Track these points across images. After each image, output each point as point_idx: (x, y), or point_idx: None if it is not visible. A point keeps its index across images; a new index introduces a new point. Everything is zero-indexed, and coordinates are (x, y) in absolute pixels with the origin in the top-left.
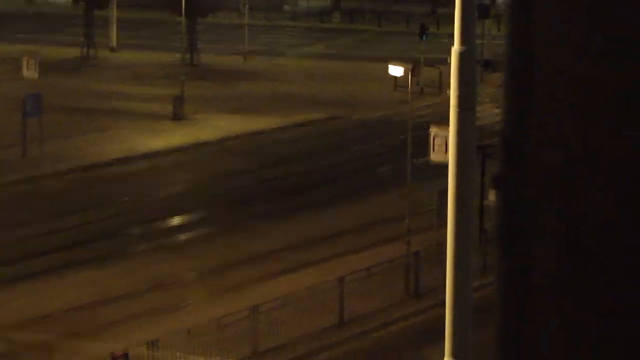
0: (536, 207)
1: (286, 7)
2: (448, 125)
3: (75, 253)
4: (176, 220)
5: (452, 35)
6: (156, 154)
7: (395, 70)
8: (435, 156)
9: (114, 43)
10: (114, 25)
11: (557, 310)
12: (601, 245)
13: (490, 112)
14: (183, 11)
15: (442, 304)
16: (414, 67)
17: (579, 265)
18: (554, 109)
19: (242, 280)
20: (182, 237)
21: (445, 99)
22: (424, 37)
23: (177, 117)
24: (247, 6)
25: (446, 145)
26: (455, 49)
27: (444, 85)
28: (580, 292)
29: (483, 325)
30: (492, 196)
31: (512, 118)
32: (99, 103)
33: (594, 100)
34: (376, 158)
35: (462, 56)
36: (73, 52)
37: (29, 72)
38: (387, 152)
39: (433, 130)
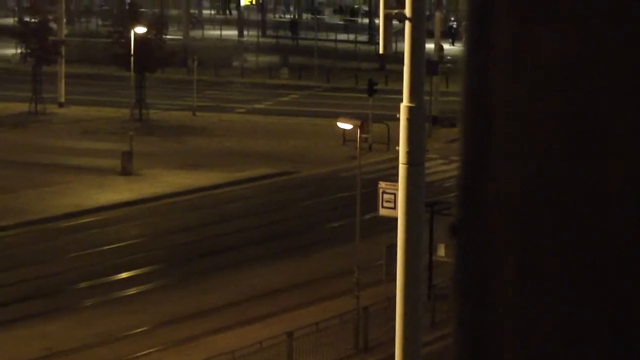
0: (496, 256)
1: (235, 63)
2: (397, 181)
3: (22, 308)
4: (124, 275)
5: (400, 92)
6: (104, 209)
7: (344, 126)
8: (384, 211)
9: (62, 98)
10: (62, 81)
11: None
12: (567, 298)
13: (439, 168)
14: (132, 67)
15: (391, 358)
16: (362, 123)
17: (542, 319)
18: (514, 152)
19: (190, 335)
20: (130, 291)
21: (393, 155)
22: (372, 94)
23: (126, 172)
24: (195, 62)
25: (395, 201)
26: (404, 105)
27: (393, 141)
28: (544, 349)
29: None
30: (441, 251)
31: (470, 161)
32: (47, 158)
33: (555, 141)
34: (325, 213)
35: (411, 112)
36: (21, 107)
37: None
38: (336, 208)
39: (382, 186)
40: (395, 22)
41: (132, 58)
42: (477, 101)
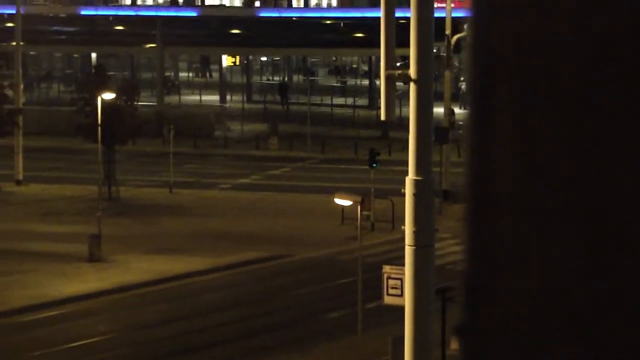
0: None
1: (217, 133)
2: (403, 265)
3: None
4: None
5: (406, 163)
6: (69, 301)
7: (342, 202)
8: (389, 299)
9: (19, 175)
10: (20, 155)
11: None
12: None
13: (451, 249)
14: (99, 138)
15: None
16: (363, 199)
17: None
18: (523, 246)
19: None
20: None
21: (399, 235)
22: (374, 165)
23: (94, 258)
24: (172, 132)
25: (402, 288)
26: (410, 178)
27: (398, 219)
28: None
29: None
30: (455, 345)
31: (475, 256)
32: (4, 244)
33: (566, 237)
34: (322, 303)
35: (418, 186)
36: None
37: None
38: (335, 296)
39: (386, 271)
40: (398, 83)
41: (99, 128)
42: (481, 188)
